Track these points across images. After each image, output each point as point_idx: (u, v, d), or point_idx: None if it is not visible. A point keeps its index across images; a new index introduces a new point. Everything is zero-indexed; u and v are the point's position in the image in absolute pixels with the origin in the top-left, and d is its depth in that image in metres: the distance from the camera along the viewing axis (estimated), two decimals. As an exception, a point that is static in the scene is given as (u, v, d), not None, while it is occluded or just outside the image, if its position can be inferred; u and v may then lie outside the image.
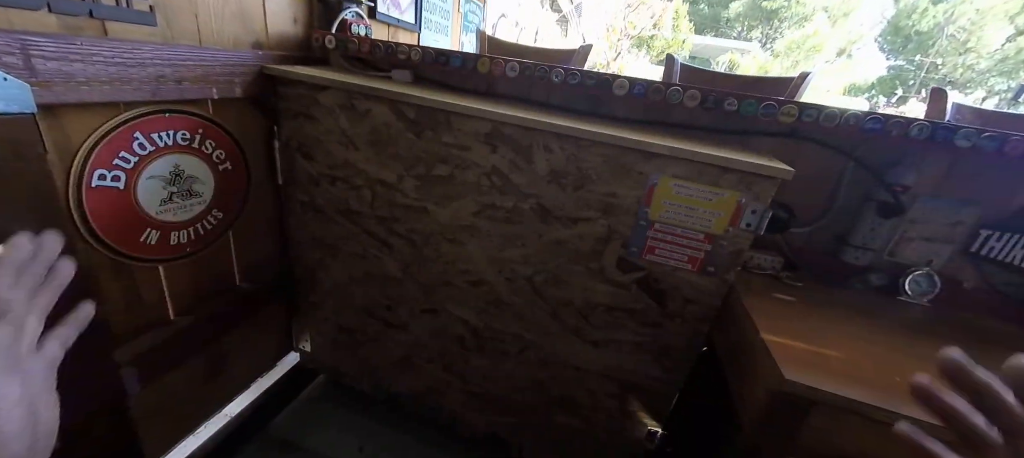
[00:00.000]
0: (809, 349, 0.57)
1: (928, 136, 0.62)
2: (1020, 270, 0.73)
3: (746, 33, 20.75)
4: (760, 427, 0.55)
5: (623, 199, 0.73)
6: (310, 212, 1.00)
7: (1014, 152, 0.59)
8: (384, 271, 1.01)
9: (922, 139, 0.62)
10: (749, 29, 20.80)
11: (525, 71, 0.78)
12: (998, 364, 0.64)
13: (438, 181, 0.83)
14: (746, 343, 0.62)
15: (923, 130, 0.62)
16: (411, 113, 0.78)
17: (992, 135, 0.59)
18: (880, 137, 0.64)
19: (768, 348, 0.56)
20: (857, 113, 0.64)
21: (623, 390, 0.95)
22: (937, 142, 0.62)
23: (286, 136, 0.90)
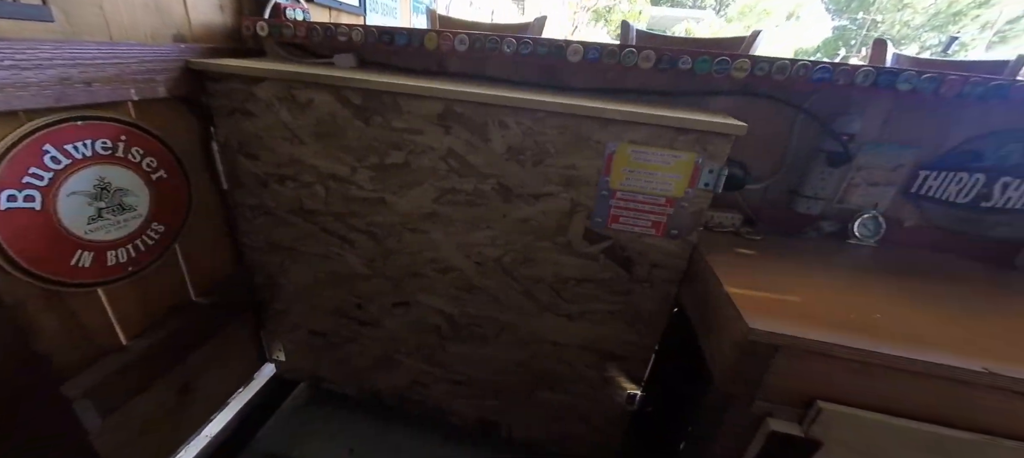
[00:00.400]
0: (770, 298, 0.59)
1: (872, 82, 0.64)
2: (954, 205, 0.77)
3: (700, 2, 21.00)
4: (729, 375, 0.57)
5: (583, 170, 0.72)
6: (261, 216, 0.94)
7: (949, 92, 0.62)
8: (349, 269, 0.97)
9: (867, 85, 0.64)
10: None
11: (476, 44, 0.75)
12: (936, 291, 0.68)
13: (393, 170, 0.80)
14: (712, 298, 0.64)
15: (868, 76, 0.63)
16: (357, 99, 0.74)
17: (932, 76, 0.62)
18: (829, 86, 0.66)
19: (732, 300, 0.57)
20: (806, 63, 0.65)
21: (601, 359, 0.96)
22: (879, 88, 0.64)
23: (224, 136, 0.84)
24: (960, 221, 0.79)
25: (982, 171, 0.74)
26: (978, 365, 0.47)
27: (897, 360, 0.48)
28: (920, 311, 0.59)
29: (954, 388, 0.49)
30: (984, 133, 0.71)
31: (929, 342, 0.52)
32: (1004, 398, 0.48)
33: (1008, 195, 0.75)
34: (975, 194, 0.76)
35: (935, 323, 0.56)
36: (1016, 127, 0.70)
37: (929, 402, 0.50)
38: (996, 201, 0.76)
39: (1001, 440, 0.50)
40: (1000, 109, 0.69)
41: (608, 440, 1.07)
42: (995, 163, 0.73)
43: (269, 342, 1.22)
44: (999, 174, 0.73)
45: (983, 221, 0.79)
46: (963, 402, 0.49)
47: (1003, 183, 0.74)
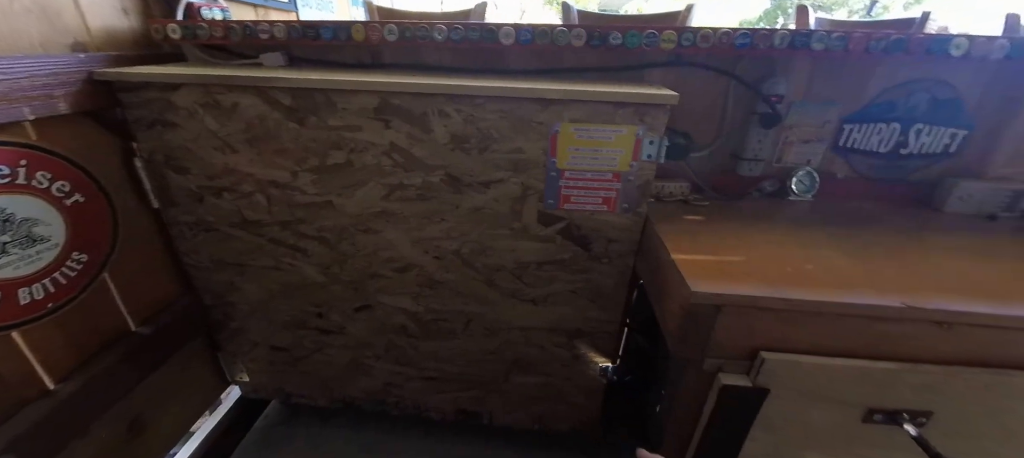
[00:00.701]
0: (713, 260, 0.61)
1: (789, 44, 0.66)
2: (877, 154, 0.83)
3: None
4: (678, 338, 0.59)
5: (530, 153, 0.72)
6: (201, 233, 0.88)
7: (857, 48, 0.65)
8: (303, 278, 0.93)
9: (784, 47, 0.67)
10: None
11: (405, 33, 0.72)
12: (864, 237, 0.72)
13: (336, 170, 0.77)
14: (661, 267, 0.66)
15: (784, 39, 0.66)
16: (286, 99, 0.70)
17: (840, 35, 0.65)
18: (752, 51, 0.68)
19: (677, 266, 0.59)
20: (728, 30, 0.67)
21: (569, 338, 0.97)
22: (797, 49, 0.67)
23: (148, 151, 0.78)
24: (884, 169, 0.85)
25: (897, 120, 0.79)
26: (897, 301, 0.51)
27: (825, 305, 0.51)
28: (849, 257, 0.63)
29: (878, 325, 0.53)
30: (894, 85, 0.77)
31: (856, 285, 0.56)
32: (923, 328, 0.52)
33: (922, 141, 0.81)
34: (894, 143, 0.81)
35: (862, 267, 0.60)
36: (921, 78, 0.76)
37: (858, 339, 0.54)
38: (912, 148, 0.81)
39: (925, 365, 0.54)
40: (905, 62, 0.74)
41: (588, 413, 1.09)
42: (907, 112, 0.78)
43: (229, 364, 1.16)
44: (911, 122, 0.79)
45: (904, 167, 0.85)
46: (887, 336, 0.53)
47: (916, 130, 0.80)
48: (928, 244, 0.68)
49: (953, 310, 0.50)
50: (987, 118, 0.79)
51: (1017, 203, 0.80)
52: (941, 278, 0.58)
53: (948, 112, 0.78)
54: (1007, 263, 0.63)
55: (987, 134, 0.81)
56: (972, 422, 0.56)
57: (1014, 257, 0.65)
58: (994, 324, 0.50)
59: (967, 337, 0.52)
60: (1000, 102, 0.78)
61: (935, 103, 0.78)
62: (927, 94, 0.77)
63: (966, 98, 0.78)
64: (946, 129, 0.79)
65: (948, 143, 0.80)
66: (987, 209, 0.80)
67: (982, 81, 0.77)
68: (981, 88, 0.77)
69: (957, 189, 0.80)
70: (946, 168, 0.84)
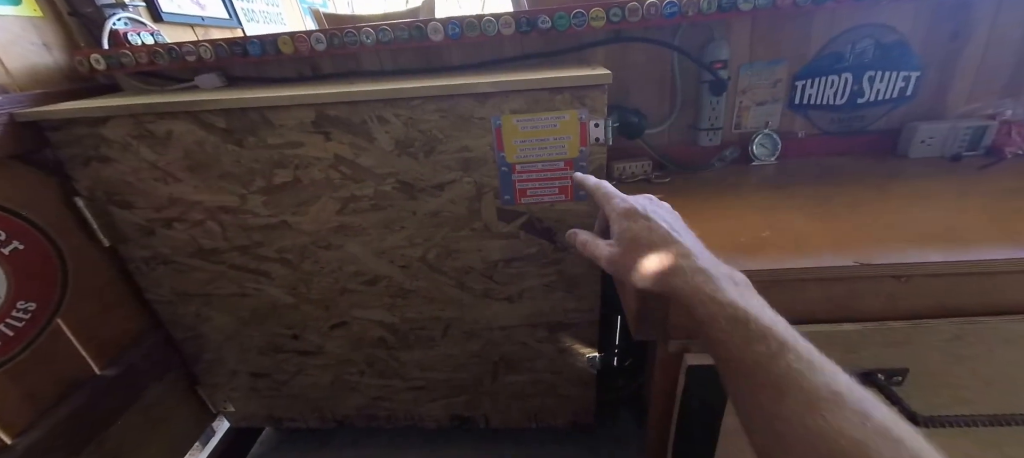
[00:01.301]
0: (670, 239, 0.60)
1: (717, 8, 0.64)
2: (834, 107, 0.81)
3: None
4: (636, 322, 0.57)
5: (478, 150, 0.70)
6: (159, 266, 0.86)
7: (784, 2, 0.64)
8: (272, 302, 0.91)
9: (714, 12, 0.65)
10: None
11: (334, 41, 0.70)
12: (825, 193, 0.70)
13: (285, 189, 0.74)
14: (620, 252, 0.64)
15: (710, 4, 0.64)
16: (220, 121, 0.67)
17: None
18: (683, 18, 0.66)
19: (632, 250, 0.57)
20: (655, 1, 0.65)
21: (551, 332, 0.96)
22: (727, 11, 0.65)
23: (88, 188, 0.75)
24: (844, 121, 0.83)
25: (847, 71, 0.78)
26: (850, 260, 0.49)
27: (779, 273, 0.50)
28: (808, 218, 0.61)
29: (836, 286, 0.51)
30: (838, 35, 0.75)
31: (814, 247, 0.54)
32: (882, 284, 0.51)
33: (876, 88, 0.79)
34: (849, 93, 0.80)
35: (820, 227, 0.59)
36: (863, 23, 0.74)
37: (820, 304, 0.52)
38: (868, 96, 0.80)
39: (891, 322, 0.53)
40: (844, 9, 0.72)
41: (583, 404, 1.08)
42: (856, 61, 0.77)
43: (211, 396, 1.14)
44: (862, 70, 0.78)
45: (864, 117, 0.83)
46: (849, 296, 0.52)
47: (869, 77, 0.78)
48: (889, 194, 0.67)
49: (908, 262, 0.49)
50: (935, 57, 0.78)
51: (979, 140, 0.78)
52: (901, 229, 0.56)
53: (896, 55, 0.77)
54: (968, 204, 0.62)
55: (939, 73, 0.79)
56: (947, 374, 0.55)
57: (975, 198, 0.64)
58: (951, 272, 0.49)
59: (927, 288, 0.50)
60: (944, 39, 0.77)
61: (882, 48, 0.76)
62: (872, 40, 0.75)
63: (911, 40, 0.76)
64: (898, 73, 0.78)
65: (903, 86, 0.79)
66: (951, 149, 0.79)
67: (924, 21, 0.75)
68: (924, 28, 0.76)
69: (918, 133, 0.79)
70: (908, 112, 0.83)
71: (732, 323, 0.35)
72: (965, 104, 0.80)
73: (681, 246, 0.42)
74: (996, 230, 0.54)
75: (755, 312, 0.35)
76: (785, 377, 0.30)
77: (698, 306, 0.37)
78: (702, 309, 0.37)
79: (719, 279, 0.38)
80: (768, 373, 0.31)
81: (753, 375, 0.32)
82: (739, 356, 0.34)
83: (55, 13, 0.74)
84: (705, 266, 0.39)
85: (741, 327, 0.34)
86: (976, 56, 0.77)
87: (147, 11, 0.84)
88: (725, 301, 0.36)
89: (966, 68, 0.78)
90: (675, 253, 0.41)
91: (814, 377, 0.30)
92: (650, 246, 0.43)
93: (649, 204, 0.49)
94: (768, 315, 0.35)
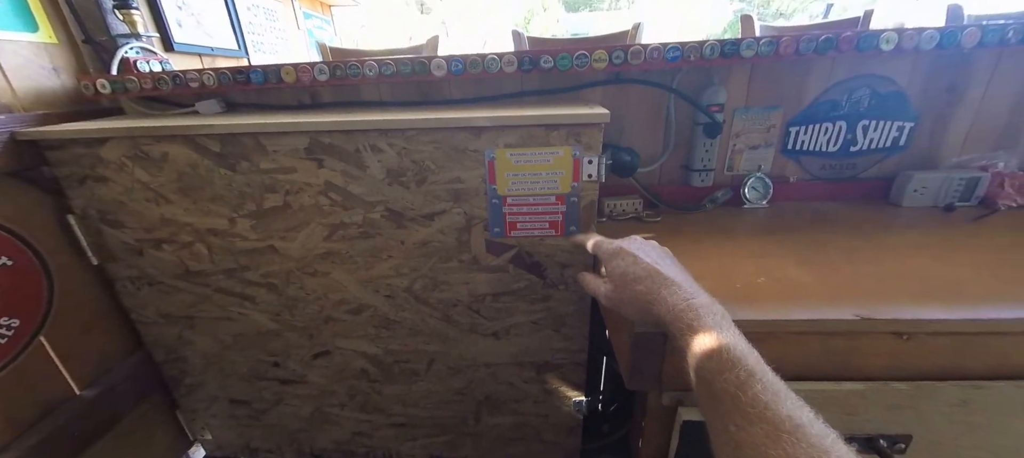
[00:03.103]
0: (659, 281, 0.58)
1: (720, 53, 0.65)
2: (827, 154, 0.81)
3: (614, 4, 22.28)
4: (630, 372, 0.54)
5: (469, 182, 0.69)
6: (145, 287, 0.85)
7: (787, 51, 0.64)
8: (256, 327, 0.89)
9: (716, 57, 0.66)
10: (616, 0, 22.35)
11: (336, 72, 0.71)
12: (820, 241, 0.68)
13: (274, 214, 0.74)
14: (609, 292, 0.62)
15: (713, 49, 0.65)
16: (215, 146, 0.68)
17: (768, 40, 0.64)
18: (685, 63, 0.67)
19: (619, 292, 0.55)
20: (658, 46, 0.66)
21: (538, 372, 0.92)
22: (729, 57, 0.66)
23: (81, 207, 0.76)
24: (836, 168, 0.83)
25: (842, 119, 0.78)
26: (850, 313, 0.47)
27: (777, 325, 0.47)
28: (803, 265, 0.59)
29: (835, 340, 0.48)
30: (834, 84, 0.76)
31: (810, 297, 0.52)
32: (882, 341, 0.48)
33: (870, 136, 0.79)
34: (842, 141, 0.79)
35: (816, 276, 0.57)
36: (859, 73, 0.75)
37: (818, 359, 0.50)
38: (862, 144, 0.80)
39: (894, 383, 0.49)
40: (842, 60, 0.73)
41: (567, 451, 1.03)
42: (851, 109, 0.77)
43: (189, 422, 1.10)
44: (857, 119, 0.78)
45: (856, 164, 0.82)
46: (847, 352, 0.49)
47: (863, 126, 0.78)
48: (884, 244, 0.65)
49: (910, 318, 0.46)
50: (931, 109, 0.78)
51: (972, 191, 0.77)
52: (899, 282, 0.54)
53: (892, 105, 0.77)
54: (965, 258, 0.59)
55: (934, 124, 0.79)
56: (954, 443, 0.51)
57: (972, 251, 0.62)
58: (956, 330, 0.46)
59: (930, 347, 0.47)
60: (940, 92, 0.77)
61: (878, 98, 0.76)
62: (868, 90, 0.76)
63: (908, 90, 0.77)
64: (892, 123, 0.78)
65: (896, 136, 0.79)
66: (944, 200, 0.77)
67: (921, 73, 0.76)
68: (921, 80, 0.76)
69: (911, 182, 0.78)
70: (900, 161, 0.82)
71: (707, 352, 0.36)
72: (958, 155, 0.80)
73: (665, 278, 0.44)
74: (1001, 286, 0.52)
75: (729, 342, 0.36)
76: (752, 406, 0.32)
77: (678, 335, 0.40)
78: (681, 338, 0.39)
79: (699, 308, 0.40)
80: (736, 402, 0.33)
81: (723, 402, 0.34)
82: (712, 383, 0.35)
83: (70, 40, 0.77)
84: (687, 297, 0.41)
85: (715, 356, 0.36)
86: (971, 109, 0.78)
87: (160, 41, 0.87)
88: (703, 331, 0.38)
89: (960, 120, 0.78)
90: (659, 285, 0.44)
91: (779, 408, 0.31)
92: (636, 280, 0.46)
93: (635, 243, 0.52)
94: (741, 346, 0.36)
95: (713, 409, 0.35)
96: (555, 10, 15.49)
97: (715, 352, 0.36)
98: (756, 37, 0.64)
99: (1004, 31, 0.63)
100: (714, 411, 0.35)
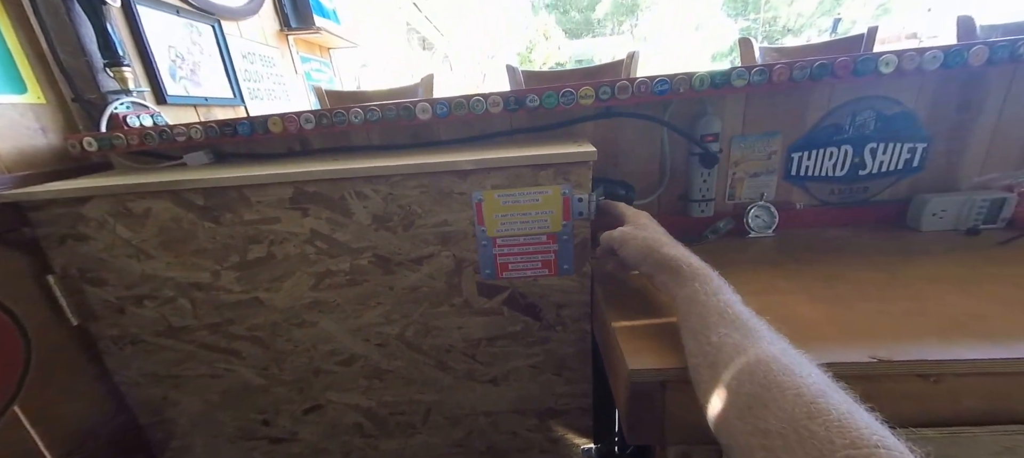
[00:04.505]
0: (660, 324, 0.54)
1: (710, 84, 0.64)
2: (834, 178, 0.78)
3: (617, 29, 23.15)
4: (630, 423, 0.50)
5: (457, 224, 0.67)
6: (128, 346, 0.82)
7: (780, 79, 0.63)
8: (243, 383, 0.85)
9: (706, 89, 0.64)
10: (619, 24, 23.28)
11: (322, 120, 0.71)
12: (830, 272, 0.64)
13: (259, 265, 0.72)
14: (607, 335, 0.58)
15: (703, 81, 0.64)
16: (199, 199, 0.67)
17: (760, 69, 0.63)
18: (674, 95, 0.66)
19: (616, 336, 0.52)
20: (645, 79, 0.65)
21: (541, 419, 0.87)
22: (719, 87, 0.64)
23: (62, 266, 0.74)
24: (845, 192, 0.79)
25: (847, 143, 0.75)
26: (865, 354, 0.43)
27: (786, 368, 0.43)
28: (813, 301, 0.56)
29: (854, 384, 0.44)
30: (836, 108, 0.73)
31: (820, 337, 0.48)
32: (908, 384, 0.44)
33: (879, 159, 0.76)
34: (850, 165, 0.76)
35: (828, 312, 0.53)
36: (863, 96, 0.73)
37: (837, 405, 0.45)
38: (871, 168, 0.77)
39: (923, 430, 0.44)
40: (843, 84, 0.71)
41: (575, 506, 0.95)
42: (855, 133, 0.74)
43: (175, 488, 1.04)
44: (863, 142, 0.75)
45: (867, 188, 0.79)
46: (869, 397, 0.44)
47: (870, 149, 0.76)
48: (902, 274, 0.61)
49: (936, 359, 0.42)
50: (943, 128, 0.75)
51: (998, 213, 0.73)
52: (921, 317, 0.50)
53: (901, 127, 0.74)
54: (993, 289, 0.55)
55: (949, 143, 0.76)
56: (1002, 493, 0.45)
57: (1001, 280, 0.57)
58: (990, 370, 0.42)
59: (964, 390, 0.43)
60: (951, 111, 0.74)
61: (884, 120, 0.74)
62: (873, 112, 0.73)
63: (917, 111, 0.74)
64: (903, 144, 0.75)
65: (909, 158, 0.75)
66: (966, 223, 0.73)
67: (929, 92, 0.73)
68: (929, 99, 0.73)
69: (929, 205, 0.74)
70: (916, 183, 0.78)
71: (670, 271, 0.49)
72: (979, 175, 0.76)
73: (641, 222, 0.59)
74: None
75: (685, 260, 0.49)
76: (692, 299, 0.45)
77: (643, 263, 0.53)
78: (647, 264, 0.53)
79: (660, 238, 0.54)
80: (692, 305, 0.45)
81: (681, 306, 0.47)
82: (675, 295, 0.48)
83: (60, 99, 0.78)
84: (662, 237, 0.54)
85: (674, 272, 0.49)
86: (989, 125, 0.74)
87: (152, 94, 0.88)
88: (667, 256, 0.50)
89: (979, 138, 0.75)
90: (633, 229, 0.57)
91: (709, 300, 0.44)
92: (622, 232, 0.58)
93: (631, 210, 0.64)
94: (695, 262, 0.49)
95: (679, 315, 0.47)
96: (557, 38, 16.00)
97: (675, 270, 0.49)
98: (748, 66, 0.62)
99: (1015, 47, 0.61)
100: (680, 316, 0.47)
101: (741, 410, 0.35)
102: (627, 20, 23.24)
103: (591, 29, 23.17)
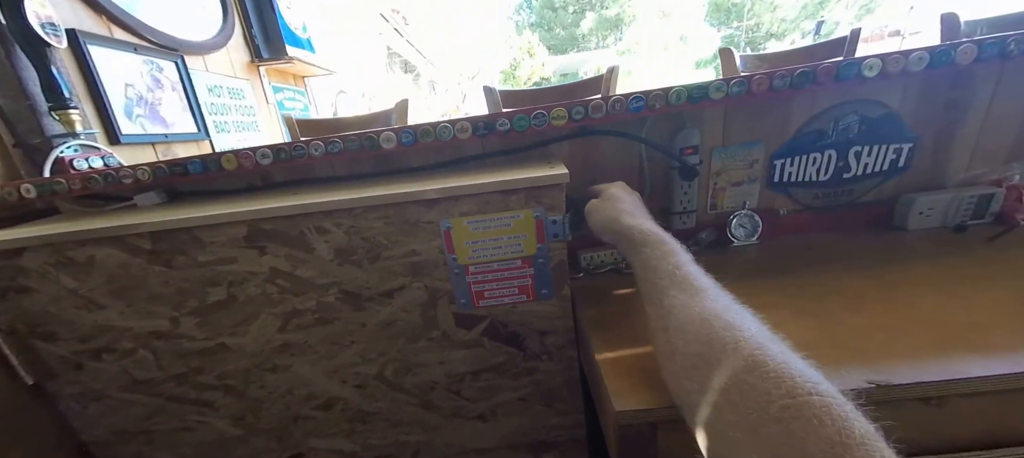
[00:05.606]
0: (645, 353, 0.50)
1: (686, 99, 0.61)
2: (818, 184, 0.76)
3: (602, 43, 23.51)
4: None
5: (426, 254, 0.63)
6: (90, 403, 0.77)
7: (759, 89, 0.60)
8: (218, 435, 0.80)
9: (683, 103, 0.62)
10: (603, 38, 23.65)
11: (281, 154, 0.67)
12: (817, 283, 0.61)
13: (220, 308, 0.67)
14: (592, 366, 0.54)
15: (680, 96, 0.61)
16: (146, 243, 0.62)
17: (739, 80, 0.61)
18: (649, 112, 0.63)
19: (602, 373, 0.48)
20: (620, 97, 0.62)
21: (535, 454, 0.82)
22: (697, 101, 0.62)
23: (8, 322, 0.69)
24: (830, 197, 0.77)
25: (830, 148, 0.73)
26: (861, 380, 0.40)
27: (778, 402, 0.40)
28: (800, 317, 0.52)
29: (852, 413, 0.41)
30: (819, 113, 0.71)
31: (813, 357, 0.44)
32: (909, 408, 0.41)
33: (864, 162, 0.74)
34: (834, 169, 0.74)
35: (816, 330, 0.50)
36: (846, 100, 0.71)
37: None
38: (855, 171, 0.74)
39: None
40: (825, 90, 0.69)
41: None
42: (839, 137, 0.72)
43: (151, 548, 0.97)
44: (847, 146, 0.73)
45: (852, 191, 0.77)
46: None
47: (854, 153, 0.73)
48: (891, 281, 0.58)
49: (937, 380, 0.39)
50: (930, 127, 0.73)
51: (986, 208, 0.71)
52: (915, 331, 0.47)
53: (886, 129, 0.72)
54: (986, 293, 0.52)
55: (936, 142, 0.74)
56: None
57: (992, 280, 0.55)
58: (993, 388, 0.39)
59: (970, 412, 0.40)
60: (939, 110, 0.72)
61: (868, 123, 0.71)
62: (857, 116, 0.71)
63: (901, 112, 0.72)
64: (888, 146, 0.73)
65: (895, 158, 0.73)
66: (954, 220, 0.71)
67: (914, 93, 0.71)
68: (915, 100, 0.71)
69: (916, 205, 0.72)
70: (901, 183, 0.76)
71: (626, 240, 0.51)
72: (966, 171, 0.74)
73: (610, 193, 0.59)
74: (1037, 323, 0.45)
75: (638, 228, 0.50)
76: (645, 264, 0.46)
77: (604, 233, 0.56)
78: (606, 234, 0.55)
79: (620, 209, 0.55)
80: (645, 271, 0.46)
81: (636, 273, 0.49)
82: (632, 262, 0.50)
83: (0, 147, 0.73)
84: (622, 207, 0.55)
85: (629, 241, 0.50)
86: (976, 123, 0.72)
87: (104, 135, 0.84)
88: (623, 225, 0.52)
89: (965, 135, 0.73)
90: (600, 202, 0.59)
91: (659, 265, 0.44)
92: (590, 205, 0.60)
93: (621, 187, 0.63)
94: (647, 228, 0.50)
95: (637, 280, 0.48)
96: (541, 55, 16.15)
97: (628, 237, 0.50)
98: (727, 78, 0.60)
99: (1004, 44, 0.59)
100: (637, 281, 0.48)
101: (689, 370, 0.36)
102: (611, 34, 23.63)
103: (576, 44, 23.51)
